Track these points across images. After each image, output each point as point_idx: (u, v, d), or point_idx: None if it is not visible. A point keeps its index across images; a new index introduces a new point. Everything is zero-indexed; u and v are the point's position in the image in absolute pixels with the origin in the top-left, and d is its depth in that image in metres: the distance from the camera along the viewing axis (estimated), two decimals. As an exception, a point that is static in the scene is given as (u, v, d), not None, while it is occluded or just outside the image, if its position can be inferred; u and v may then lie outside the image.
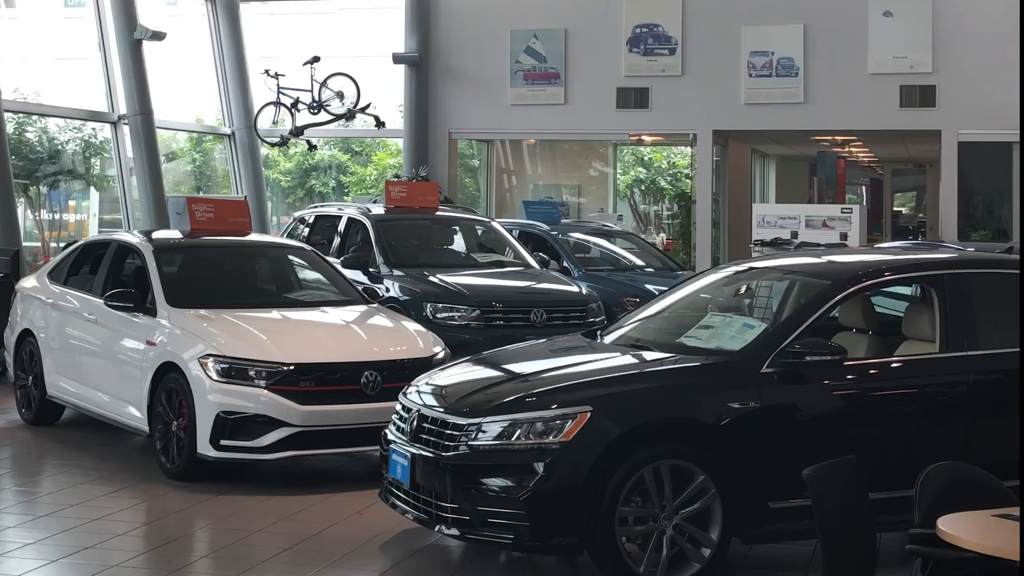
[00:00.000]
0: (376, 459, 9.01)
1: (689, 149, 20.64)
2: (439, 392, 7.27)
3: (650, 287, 13.60)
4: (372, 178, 22.66)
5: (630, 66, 18.94)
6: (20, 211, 16.73)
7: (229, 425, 8.55)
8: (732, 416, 6.70)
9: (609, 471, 6.47)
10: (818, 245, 15.60)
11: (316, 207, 15.60)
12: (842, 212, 17.78)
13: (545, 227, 15.16)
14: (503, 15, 19.64)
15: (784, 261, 8.71)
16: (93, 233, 19.95)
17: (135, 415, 9.36)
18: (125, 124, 18.12)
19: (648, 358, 7.30)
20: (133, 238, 10.69)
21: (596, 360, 7.59)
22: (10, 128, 16.09)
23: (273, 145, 19.72)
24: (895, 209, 28.53)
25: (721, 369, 6.98)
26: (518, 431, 6.60)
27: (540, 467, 6.49)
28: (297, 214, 15.45)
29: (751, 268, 8.39)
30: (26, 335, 11.06)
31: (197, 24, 21.41)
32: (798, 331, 6.97)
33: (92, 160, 19.97)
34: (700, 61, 18.72)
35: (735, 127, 19.01)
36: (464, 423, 6.74)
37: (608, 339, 7.89)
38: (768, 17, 18.38)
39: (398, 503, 7.12)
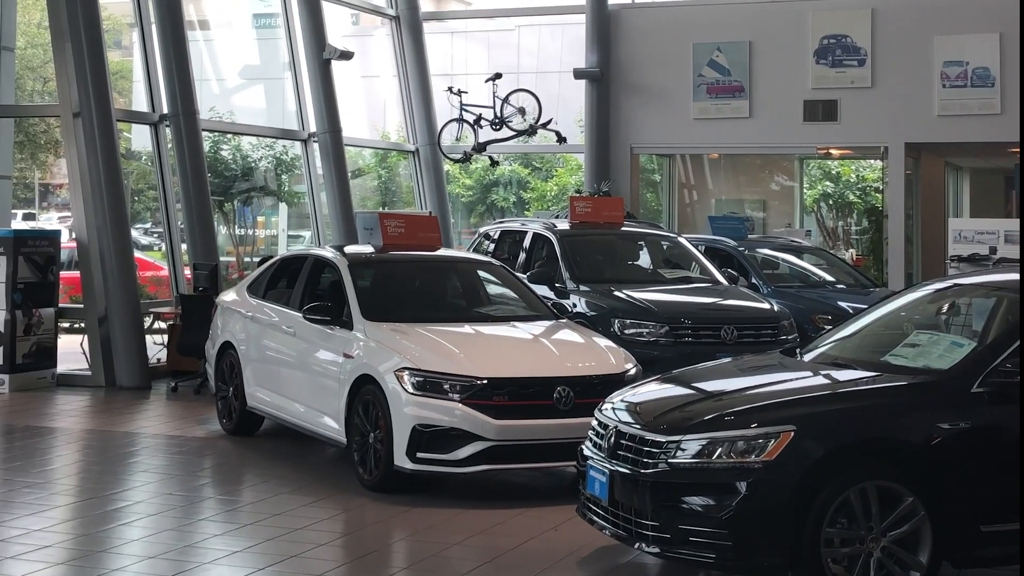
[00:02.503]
0: (567, 475, 9.06)
1: (879, 162, 20.19)
2: (634, 409, 7.23)
3: (842, 304, 13.31)
4: (552, 193, 22.73)
5: (817, 78, 18.63)
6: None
7: (425, 438, 8.65)
8: (941, 436, 6.50)
9: (813, 491, 6.34)
10: (1018, 261, 15.06)
11: (501, 222, 15.70)
12: (1043, 226, 17.14)
13: (732, 243, 14.97)
14: (686, 28, 19.53)
15: (991, 278, 8.43)
16: (282, 248, 20.50)
17: (332, 426, 9.54)
18: (315, 142, 18.55)
19: (852, 377, 7.14)
20: (328, 253, 10.91)
21: (796, 378, 7.47)
22: (206, 146, 16.60)
23: (456, 161, 19.95)
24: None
25: (929, 388, 6.78)
26: (718, 449, 6.51)
27: (742, 486, 6.39)
28: (482, 229, 15.59)
29: (955, 285, 8.14)
30: (227, 347, 11.38)
31: (381, 43, 21.83)
32: (1010, 350, 6.73)
33: (283, 177, 20.51)
34: (891, 72, 18.30)
35: (928, 139, 18.49)
36: (663, 440, 6.68)
37: (807, 357, 7.74)
38: (962, 26, 17.88)
39: (596, 519, 7.09)
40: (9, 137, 15.32)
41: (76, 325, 15.28)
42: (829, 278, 14.99)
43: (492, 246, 14.47)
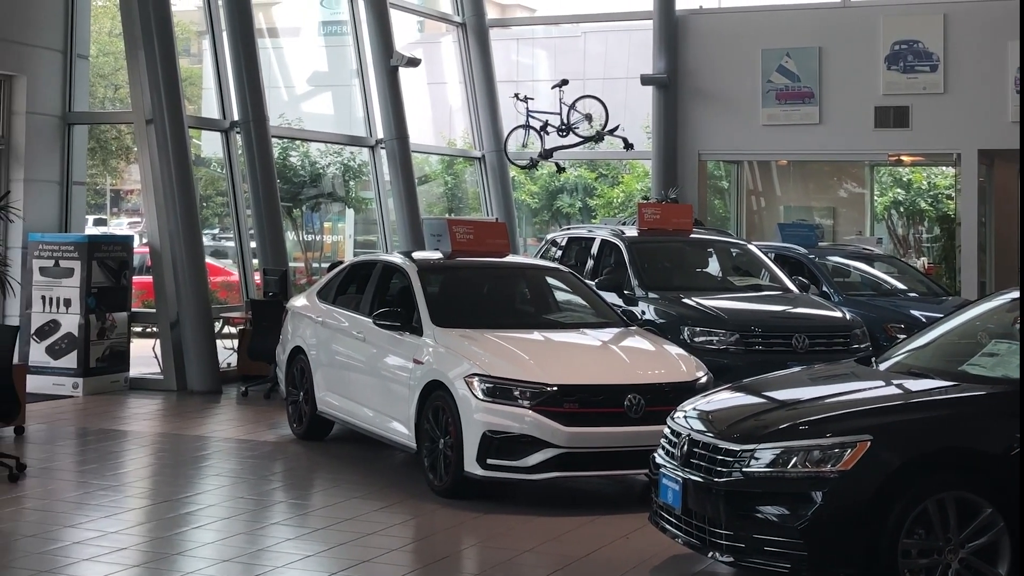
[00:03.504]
0: (638, 482, 9.03)
1: (951, 169, 19.94)
2: (707, 417, 7.18)
3: (915, 313, 13.16)
4: (619, 200, 22.66)
5: (889, 84, 18.45)
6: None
7: (495, 444, 8.65)
8: (1021, 447, 6.39)
9: (890, 502, 6.27)
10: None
11: (568, 229, 15.68)
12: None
13: (802, 250, 14.83)
14: (754, 34, 19.42)
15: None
16: (349, 254, 20.61)
17: (402, 431, 9.57)
18: (382, 148, 18.64)
19: (929, 386, 7.06)
20: (397, 259, 10.95)
21: (871, 388, 7.41)
22: (275, 153, 16.74)
23: (522, 168, 19.95)
24: None
25: (1009, 398, 6.66)
26: (793, 459, 6.46)
27: (818, 496, 6.34)
28: (549, 236, 15.57)
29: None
30: (297, 352, 11.46)
31: (448, 50, 21.90)
32: (1091, 359, 6.62)
33: (350, 183, 20.62)
34: (964, 78, 18.09)
35: (1002, 146, 18.24)
36: (737, 449, 6.64)
37: (883, 366, 7.66)
38: (1036, 31, 17.57)
39: (668, 527, 7.05)
40: (83, 144, 15.52)
41: (148, 329, 15.46)
42: (901, 286, 14.81)
43: (559, 253, 14.46)
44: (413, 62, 18.37)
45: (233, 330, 15.42)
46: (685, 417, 7.27)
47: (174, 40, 14.49)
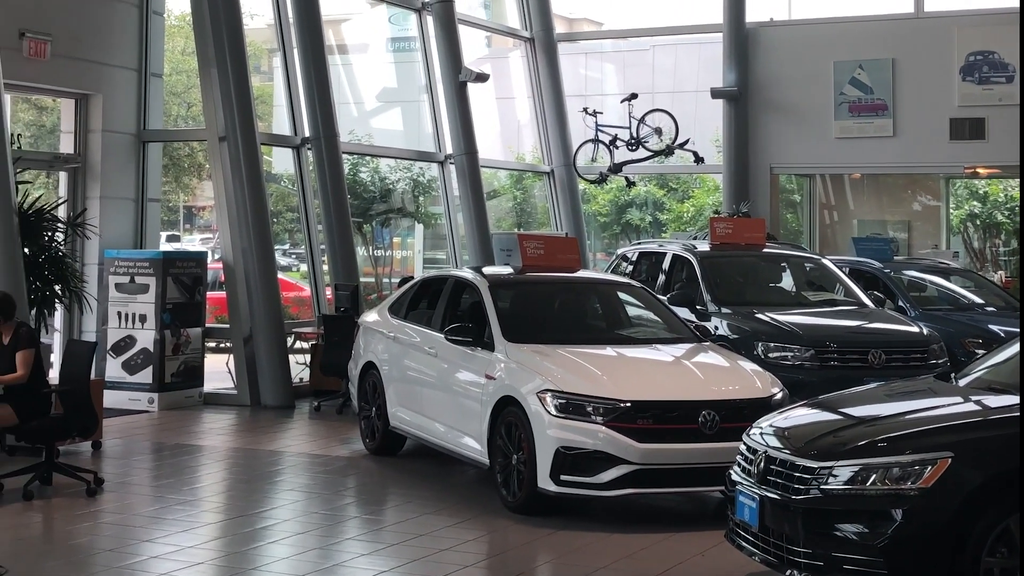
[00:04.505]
0: (712, 499, 8.96)
1: (1028, 181, 19.67)
2: (783, 434, 7.11)
3: (994, 328, 12.94)
4: (689, 215, 22.55)
5: (964, 96, 18.22)
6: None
7: (569, 460, 8.60)
8: (1107, 465, 6.25)
9: (972, 520, 6.16)
10: None
11: (639, 244, 15.62)
12: None
13: (877, 264, 14.66)
14: (826, 46, 19.26)
15: None
16: (418, 269, 20.68)
17: (474, 447, 9.56)
18: (451, 163, 18.70)
19: (1009, 402, 6.92)
20: (468, 274, 10.95)
21: (951, 404, 7.28)
22: (346, 169, 16.84)
23: (592, 182, 19.93)
24: None
25: (1093, 415, 6.53)
26: (872, 476, 6.37)
27: (898, 514, 6.25)
28: (620, 251, 15.52)
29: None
30: (369, 367, 11.49)
31: (516, 65, 21.93)
32: None
33: (420, 198, 20.70)
34: (1041, 89, 17.82)
35: (1081, 157, 17.93)
36: (814, 466, 6.56)
37: (962, 382, 7.54)
38: (1115, 40, 17.30)
39: (745, 545, 6.98)
40: (158, 161, 15.72)
41: (222, 345, 15.59)
42: (978, 300, 14.58)
43: (630, 268, 14.41)
44: (481, 77, 18.43)
45: (305, 345, 15.52)
46: (761, 434, 7.20)
47: (246, 58, 14.64)
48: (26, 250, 12.03)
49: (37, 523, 8.97)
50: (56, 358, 13.57)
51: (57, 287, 12.61)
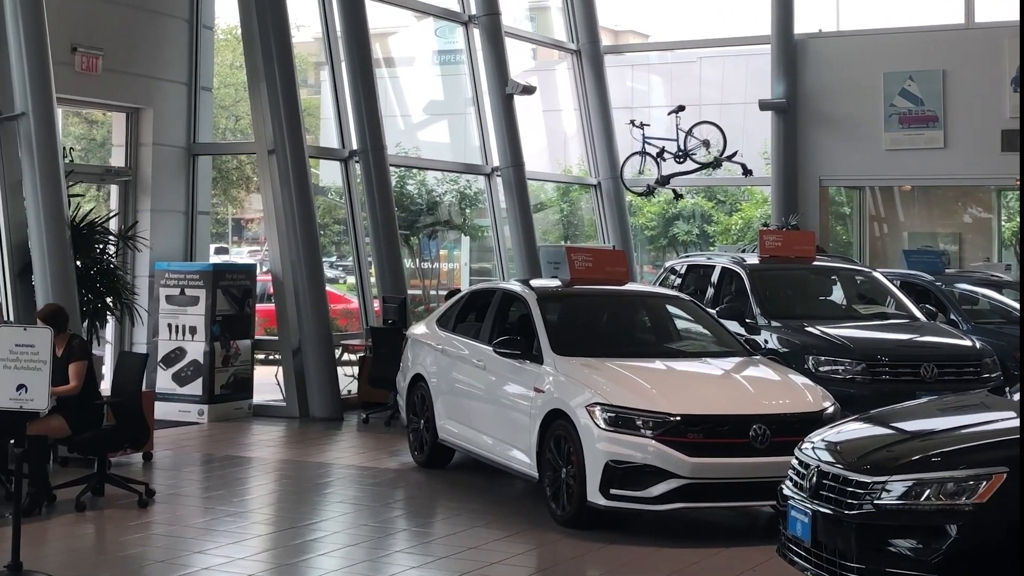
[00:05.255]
0: (763, 514, 8.89)
1: (1083, 194, 19.45)
2: (836, 448, 7.05)
3: (1047, 341, 12.80)
4: (737, 227, 22.45)
5: (1015, 107, 18.02)
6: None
7: (618, 474, 8.57)
8: None
9: (1029, 536, 6.07)
10: None
11: (687, 256, 15.57)
12: None
13: (928, 277, 14.54)
14: (876, 57, 19.14)
15: None
16: (464, 281, 20.71)
17: (523, 460, 9.54)
18: (498, 176, 18.71)
19: (1067, 417, 6.83)
20: (516, 287, 10.95)
21: (1004, 418, 7.17)
22: (393, 181, 16.88)
23: (639, 195, 19.89)
24: None
25: None
26: (926, 491, 6.30)
27: (953, 529, 6.17)
28: (668, 264, 15.48)
29: None
30: (417, 380, 11.50)
31: (562, 77, 21.94)
32: None
33: (466, 210, 20.74)
34: (1094, 99, 17.61)
35: None
36: (868, 481, 6.50)
37: (1017, 396, 7.45)
38: None
39: (797, 560, 6.91)
40: (207, 174, 15.83)
41: (271, 357, 15.67)
42: (1032, 314, 14.42)
43: (678, 280, 14.36)
44: (528, 90, 18.45)
45: (353, 357, 15.56)
46: (813, 448, 7.14)
47: (295, 72, 14.72)
48: (78, 263, 12.13)
49: (89, 534, 9.03)
50: (107, 370, 13.68)
51: (109, 299, 12.71)
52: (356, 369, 15.31)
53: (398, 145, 18.46)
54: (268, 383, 14.80)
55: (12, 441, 9.30)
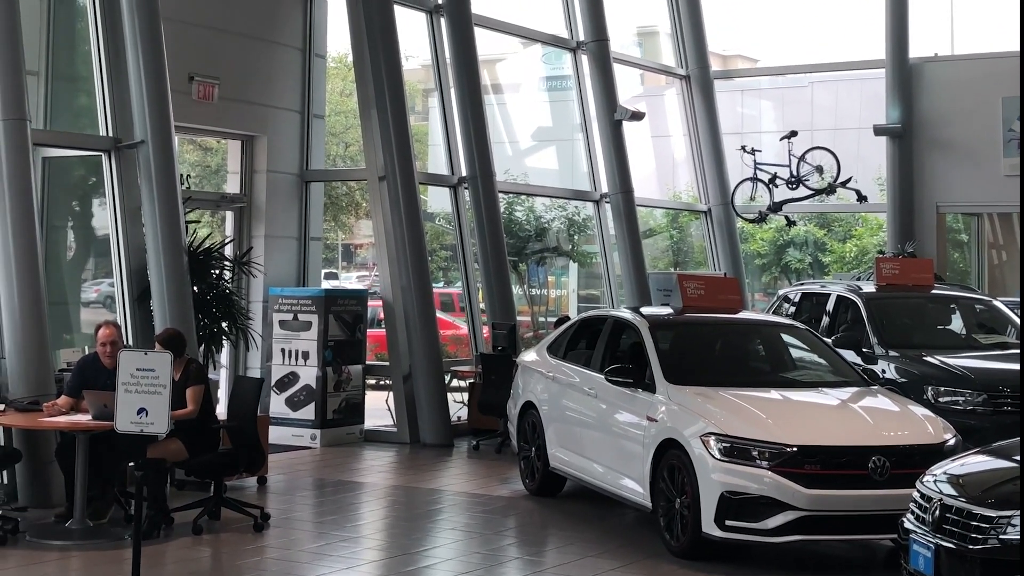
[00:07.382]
0: (882, 547, 8.69)
1: None
2: (958, 481, 6.88)
3: None
4: (851, 255, 22.10)
5: None
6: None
7: (734, 505, 8.44)
8: None
9: None
10: None
11: (802, 284, 15.36)
12: None
13: (1050, 305, 14.15)
14: (993, 81, 18.71)
15: None
16: (573, 308, 20.66)
17: (636, 490, 9.45)
18: (607, 202, 18.65)
19: None
20: (628, 315, 10.87)
21: None
22: (501, 207, 16.92)
23: (750, 221, 19.69)
24: None
25: None
26: (1055, 526, 6.10)
27: (1084, 567, 5.97)
28: (782, 292, 15.27)
29: None
30: (528, 407, 11.47)
31: (671, 103, 21.84)
32: None
33: (575, 237, 20.70)
34: None
35: None
36: (993, 515, 6.34)
37: None
38: None
39: (921, 596, 6.74)
40: (319, 200, 16.01)
41: (382, 382, 15.76)
42: None
43: (792, 309, 14.14)
44: (637, 116, 18.36)
45: (463, 384, 15.58)
46: (936, 481, 6.98)
47: (405, 99, 14.84)
48: (195, 288, 12.32)
49: (206, 557, 9.13)
50: (223, 394, 13.85)
51: (224, 324, 12.88)
52: (466, 395, 15.33)
53: (506, 171, 18.51)
54: (379, 408, 14.88)
55: (132, 464, 9.49)
